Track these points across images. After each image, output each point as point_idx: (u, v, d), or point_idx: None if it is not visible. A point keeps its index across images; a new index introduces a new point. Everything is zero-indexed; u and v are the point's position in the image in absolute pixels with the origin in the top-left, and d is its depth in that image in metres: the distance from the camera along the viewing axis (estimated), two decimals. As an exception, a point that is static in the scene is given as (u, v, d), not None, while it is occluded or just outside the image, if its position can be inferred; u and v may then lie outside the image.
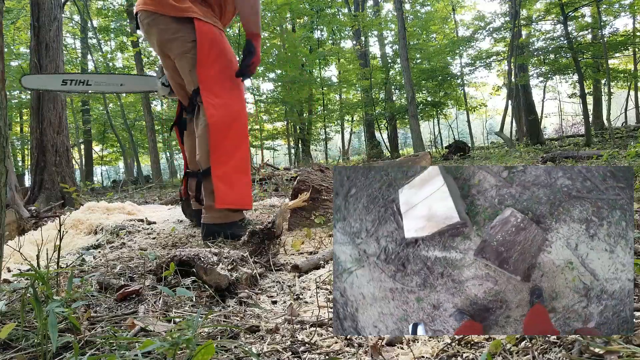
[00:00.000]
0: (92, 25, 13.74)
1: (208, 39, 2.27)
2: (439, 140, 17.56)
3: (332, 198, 2.35)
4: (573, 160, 5.00)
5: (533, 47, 13.03)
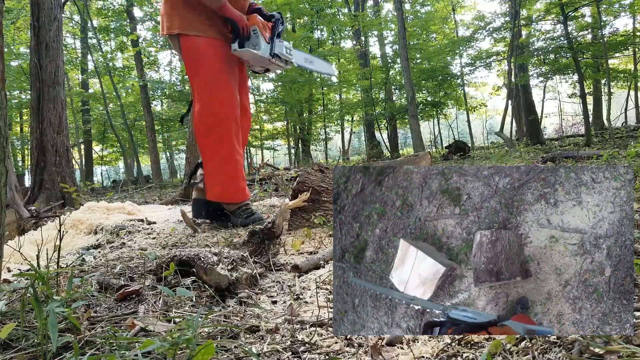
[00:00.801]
0: (92, 25, 13.74)
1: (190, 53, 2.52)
2: (439, 140, 17.57)
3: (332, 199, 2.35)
4: (573, 160, 5.00)
5: (533, 47, 13.03)
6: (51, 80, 4.85)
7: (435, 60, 14.74)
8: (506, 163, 5.91)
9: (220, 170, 2.58)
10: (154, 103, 17.38)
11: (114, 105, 15.75)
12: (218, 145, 2.54)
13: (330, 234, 2.09)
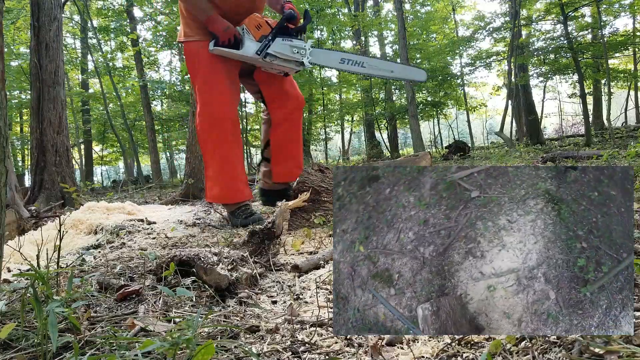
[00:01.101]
0: (92, 25, 13.73)
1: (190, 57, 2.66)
2: (439, 140, 17.56)
3: (332, 199, 2.36)
4: (573, 160, 5.00)
5: (533, 47, 13.03)
6: (51, 80, 4.85)
7: (435, 60, 14.74)
8: (506, 163, 5.91)
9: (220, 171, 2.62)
10: (154, 103, 17.38)
11: (114, 105, 15.74)
12: (217, 145, 2.60)
13: (330, 234, 2.09)
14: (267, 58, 2.55)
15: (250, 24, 2.54)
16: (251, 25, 2.54)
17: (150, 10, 13.41)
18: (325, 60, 2.65)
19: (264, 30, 2.54)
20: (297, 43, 2.56)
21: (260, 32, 2.54)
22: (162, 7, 13.58)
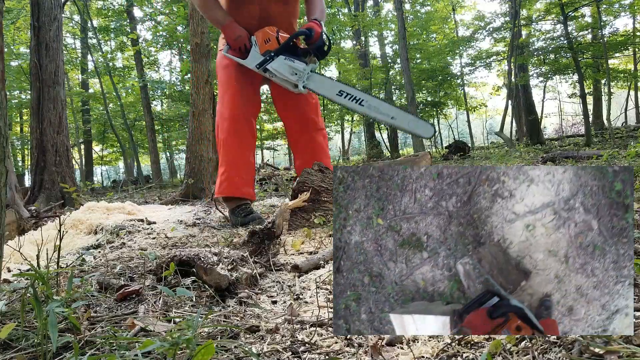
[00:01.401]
0: (92, 25, 13.74)
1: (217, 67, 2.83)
2: (439, 140, 17.57)
3: (332, 199, 2.36)
4: (573, 160, 5.00)
5: (533, 47, 13.04)
6: (51, 80, 4.85)
7: (435, 60, 14.74)
8: (506, 163, 5.91)
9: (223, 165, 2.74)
10: (154, 103, 17.38)
11: (114, 105, 15.74)
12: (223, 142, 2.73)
13: (330, 234, 2.09)
14: (267, 73, 2.58)
15: (259, 37, 2.57)
16: (260, 38, 2.56)
17: (150, 10, 13.40)
18: (322, 88, 2.56)
19: (270, 45, 2.54)
20: (297, 65, 2.51)
21: (267, 47, 2.55)
22: (162, 7, 13.58)
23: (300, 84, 2.53)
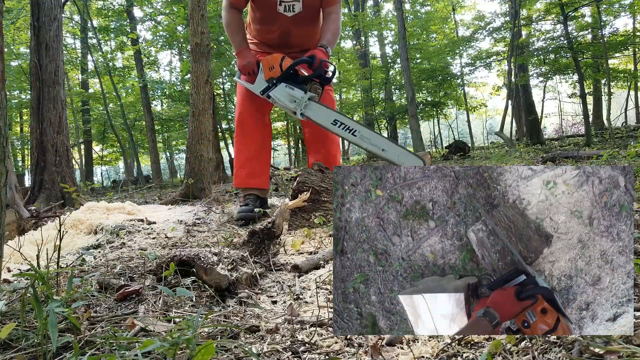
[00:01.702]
0: (92, 25, 13.73)
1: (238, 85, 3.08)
2: (439, 140, 17.56)
3: (332, 199, 2.36)
4: (573, 160, 5.00)
5: (533, 47, 13.03)
6: (51, 80, 4.85)
7: (435, 60, 14.73)
8: (506, 163, 5.91)
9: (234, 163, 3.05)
10: (154, 103, 17.37)
11: (114, 105, 15.74)
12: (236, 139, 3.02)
13: (330, 234, 2.09)
14: (270, 99, 2.69)
15: (265, 64, 2.67)
16: (266, 65, 2.66)
17: (150, 10, 13.40)
18: (318, 116, 2.60)
19: (274, 72, 2.63)
20: (296, 93, 2.57)
21: (271, 74, 2.64)
22: (162, 7, 13.58)
23: (298, 112, 2.60)
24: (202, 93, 4.67)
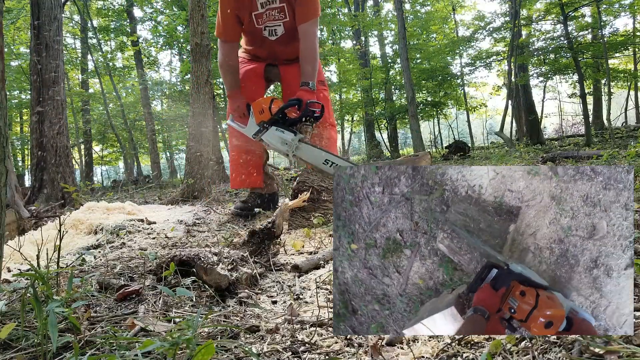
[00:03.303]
0: (92, 25, 13.73)
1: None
2: (439, 140, 17.55)
3: (332, 198, 2.36)
4: (573, 160, 5.00)
5: (533, 47, 13.02)
6: (51, 80, 4.85)
7: (435, 60, 14.72)
8: (506, 163, 5.91)
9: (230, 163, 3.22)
10: (154, 103, 17.37)
11: (114, 105, 15.73)
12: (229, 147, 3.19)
13: (330, 233, 2.09)
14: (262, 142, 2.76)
15: (255, 108, 2.73)
16: (256, 109, 2.73)
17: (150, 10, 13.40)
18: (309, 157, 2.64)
19: (264, 116, 2.69)
20: (286, 136, 2.63)
21: (261, 118, 2.70)
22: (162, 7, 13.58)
23: (290, 154, 2.66)
24: (202, 93, 4.67)
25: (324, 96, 3.04)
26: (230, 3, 2.79)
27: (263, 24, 2.86)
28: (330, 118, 3.08)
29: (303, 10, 2.74)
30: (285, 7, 2.77)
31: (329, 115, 3.05)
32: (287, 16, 2.80)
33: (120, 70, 15.31)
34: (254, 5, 2.79)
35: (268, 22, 2.85)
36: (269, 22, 2.84)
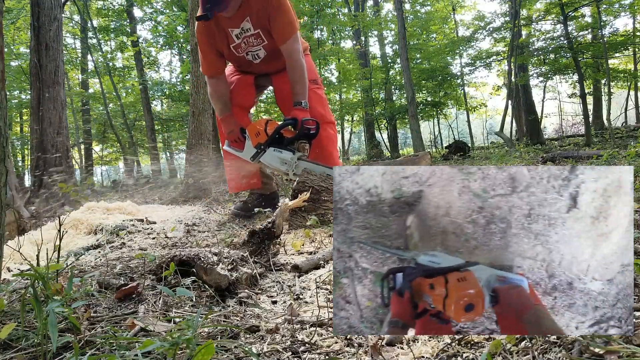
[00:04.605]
0: (92, 25, 13.73)
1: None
2: (439, 140, 17.55)
3: (332, 199, 2.36)
4: (573, 160, 5.00)
5: (533, 47, 13.02)
6: (51, 80, 4.85)
7: (435, 60, 14.72)
8: (506, 163, 5.91)
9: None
10: (154, 103, 17.37)
11: (114, 105, 15.73)
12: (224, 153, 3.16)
13: (330, 234, 2.09)
14: (261, 164, 2.77)
15: (251, 131, 2.74)
16: (251, 132, 2.73)
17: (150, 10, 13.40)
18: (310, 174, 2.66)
19: (260, 138, 2.70)
20: (285, 155, 2.63)
21: (257, 140, 2.71)
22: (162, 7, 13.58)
23: (291, 173, 2.66)
24: (202, 93, 4.68)
25: (318, 95, 3.03)
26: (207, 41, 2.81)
27: (244, 52, 2.87)
28: (327, 116, 3.06)
29: (279, 31, 2.71)
30: (261, 32, 2.76)
31: (325, 112, 3.03)
32: (264, 39, 2.80)
33: (120, 70, 15.31)
34: (230, 38, 2.80)
35: (249, 49, 2.85)
36: (249, 48, 2.84)
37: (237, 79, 3.03)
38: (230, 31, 2.76)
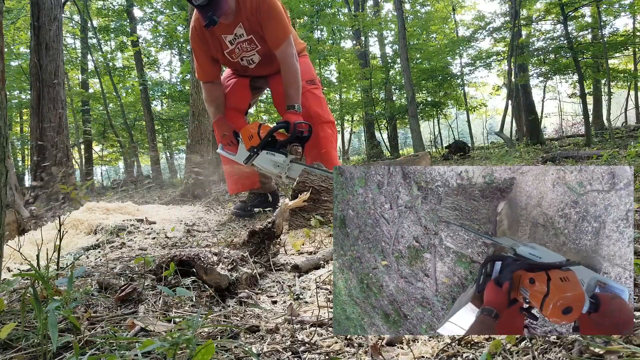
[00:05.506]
0: (92, 25, 13.73)
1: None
2: (439, 140, 17.54)
3: (332, 199, 2.36)
4: (573, 160, 5.00)
5: (533, 47, 13.01)
6: (51, 80, 4.85)
7: (435, 60, 14.71)
8: (506, 163, 5.91)
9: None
10: (154, 103, 17.36)
11: (114, 105, 15.72)
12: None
13: (330, 233, 2.09)
14: (254, 167, 2.79)
15: (244, 134, 2.76)
16: (245, 135, 2.75)
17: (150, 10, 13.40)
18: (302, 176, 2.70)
19: (253, 141, 2.72)
20: (277, 158, 2.66)
21: (251, 143, 2.73)
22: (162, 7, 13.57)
23: (283, 176, 2.69)
24: (202, 93, 4.67)
25: (315, 95, 3.03)
26: (201, 48, 2.82)
27: (238, 57, 2.88)
28: (325, 115, 3.06)
29: (272, 36, 2.73)
30: (254, 37, 2.77)
31: (322, 112, 3.03)
32: (258, 45, 2.82)
33: (120, 70, 15.30)
34: (224, 45, 2.81)
35: (243, 54, 2.87)
36: (244, 53, 2.86)
37: (234, 82, 3.05)
38: (224, 37, 2.77)
